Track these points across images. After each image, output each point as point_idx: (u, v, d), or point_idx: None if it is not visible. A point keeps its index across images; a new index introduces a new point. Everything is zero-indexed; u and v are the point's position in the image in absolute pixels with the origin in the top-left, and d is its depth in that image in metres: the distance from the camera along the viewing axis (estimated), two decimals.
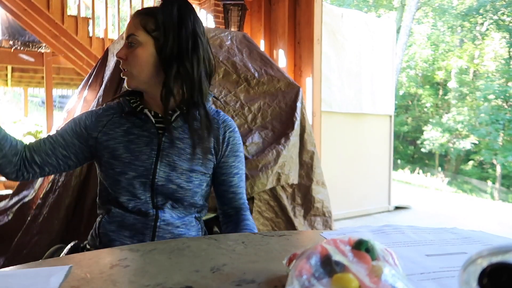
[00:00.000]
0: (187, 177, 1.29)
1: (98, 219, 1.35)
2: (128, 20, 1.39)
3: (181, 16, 1.27)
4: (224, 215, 1.45)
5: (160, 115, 1.33)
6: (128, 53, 1.28)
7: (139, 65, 1.27)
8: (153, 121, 1.32)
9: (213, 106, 1.43)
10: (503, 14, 19.48)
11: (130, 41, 1.27)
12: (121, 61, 1.30)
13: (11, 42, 7.61)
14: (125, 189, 1.29)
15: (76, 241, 1.46)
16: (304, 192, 2.97)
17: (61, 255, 1.39)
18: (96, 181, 2.38)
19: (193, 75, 1.28)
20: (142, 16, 1.28)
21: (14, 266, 0.82)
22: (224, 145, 1.36)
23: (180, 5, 1.28)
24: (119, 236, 1.29)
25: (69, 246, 1.42)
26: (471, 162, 20.21)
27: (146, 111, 1.31)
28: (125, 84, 1.31)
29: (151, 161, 1.28)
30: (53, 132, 1.38)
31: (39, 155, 1.29)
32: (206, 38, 1.35)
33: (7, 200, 3.26)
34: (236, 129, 1.41)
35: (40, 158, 1.29)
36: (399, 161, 21.20)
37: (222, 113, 1.42)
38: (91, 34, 5.53)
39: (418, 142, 21.41)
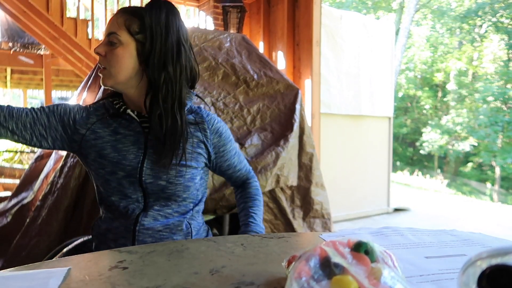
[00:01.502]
0: (177, 171, 1.28)
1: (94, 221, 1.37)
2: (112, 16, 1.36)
3: (168, 22, 1.26)
4: (235, 186, 1.60)
5: (143, 114, 1.32)
6: (108, 51, 1.25)
7: (118, 65, 1.24)
8: (138, 120, 1.31)
9: (193, 104, 1.42)
10: (501, 16, 19.50)
11: (111, 39, 1.24)
12: (99, 57, 1.28)
13: (10, 44, 7.60)
14: (116, 189, 1.29)
15: (83, 239, 1.48)
16: (303, 194, 2.97)
17: (65, 250, 1.42)
18: None
19: (176, 83, 1.28)
20: (126, 16, 1.25)
21: (13, 268, 0.82)
22: (217, 136, 1.39)
23: (168, 10, 1.27)
24: (105, 239, 1.30)
25: (74, 244, 1.44)
26: (470, 164, 20.21)
27: (129, 111, 1.31)
28: (100, 82, 1.28)
29: (137, 160, 1.28)
30: (39, 106, 1.34)
31: (16, 124, 1.23)
32: (189, 44, 1.34)
33: (6, 202, 3.25)
34: (219, 120, 1.43)
35: (15, 126, 1.23)
36: (398, 163, 21.21)
37: (203, 108, 1.43)
38: (90, 36, 5.52)
39: (417, 144, 21.42)
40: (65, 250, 1.44)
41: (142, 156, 1.29)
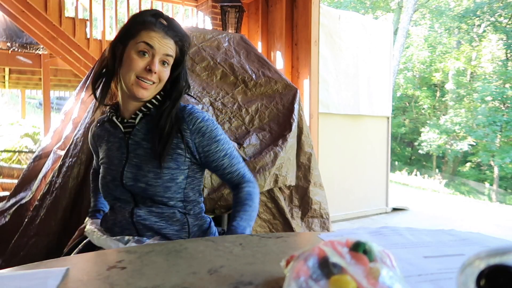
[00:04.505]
0: (155, 174, 1.33)
1: None
2: (155, 29, 1.39)
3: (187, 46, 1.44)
4: (231, 189, 1.54)
5: (125, 120, 1.41)
6: (161, 71, 1.35)
7: (163, 81, 1.37)
8: (121, 127, 1.40)
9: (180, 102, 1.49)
10: (500, 16, 19.54)
11: (166, 60, 1.35)
12: (150, 73, 1.33)
13: (8, 44, 7.60)
14: (106, 192, 1.41)
15: None
16: (302, 193, 2.97)
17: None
18: None
19: (184, 86, 1.44)
20: (177, 38, 1.37)
21: (11, 268, 0.82)
22: (199, 136, 1.37)
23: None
24: (113, 233, 1.39)
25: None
26: (468, 164, 20.24)
27: (114, 118, 1.42)
28: (139, 94, 1.34)
29: (121, 164, 1.38)
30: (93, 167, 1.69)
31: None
32: None
33: (4, 201, 3.25)
34: (207, 117, 1.41)
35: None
36: (396, 163, 21.22)
37: (189, 106, 1.42)
38: (88, 36, 5.52)
39: (416, 143, 21.43)
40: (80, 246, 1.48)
41: (124, 160, 1.38)
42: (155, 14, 1.36)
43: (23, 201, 2.97)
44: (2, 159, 8.41)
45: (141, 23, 1.33)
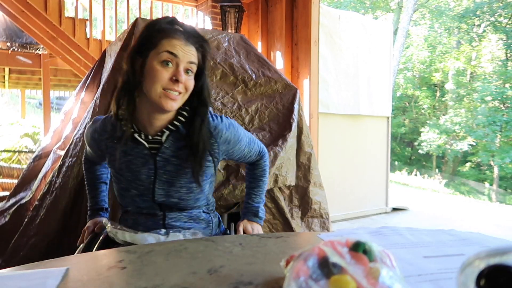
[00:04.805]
0: (187, 189, 1.37)
1: (119, 214, 1.53)
2: (175, 36, 1.33)
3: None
4: (248, 165, 1.68)
5: (150, 137, 1.35)
6: (186, 80, 1.30)
7: (189, 91, 1.32)
8: (145, 144, 1.35)
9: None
10: (500, 15, 19.54)
11: (190, 68, 1.30)
12: (178, 83, 1.27)
13: (8, 44, 7.60)
14: (131, 204, 1.41)
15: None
16: (302, 193, 2.97)
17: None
18: None
19: (209, 97, 1.39)
20: (197, 45, 1.32)
21: (11, 268, 0.82)
22: (225, 144, 1.42)
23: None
24: (136, 230, 1.40)
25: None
26: (468, 164, 20.23)
27: (136, 135, 1.34)
28: (168, 106, 1.27)
29: (150, 180, 1.37)
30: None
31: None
32: None
33: (4, 201, 3.24)
34: (228, 123, 1.43)
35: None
36: (396, 163, 21.21)
37: (210, 118, 1.39)
38: (88, 36, 5.52)
39: (416, 143, 21.42)
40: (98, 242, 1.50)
41: (153, 176, 1.36)
42: (171, 22, 1.30)
43: (23, 201, 2.97)
44: (2, 159, 8.41)
45: (160, 31, 1.27)
